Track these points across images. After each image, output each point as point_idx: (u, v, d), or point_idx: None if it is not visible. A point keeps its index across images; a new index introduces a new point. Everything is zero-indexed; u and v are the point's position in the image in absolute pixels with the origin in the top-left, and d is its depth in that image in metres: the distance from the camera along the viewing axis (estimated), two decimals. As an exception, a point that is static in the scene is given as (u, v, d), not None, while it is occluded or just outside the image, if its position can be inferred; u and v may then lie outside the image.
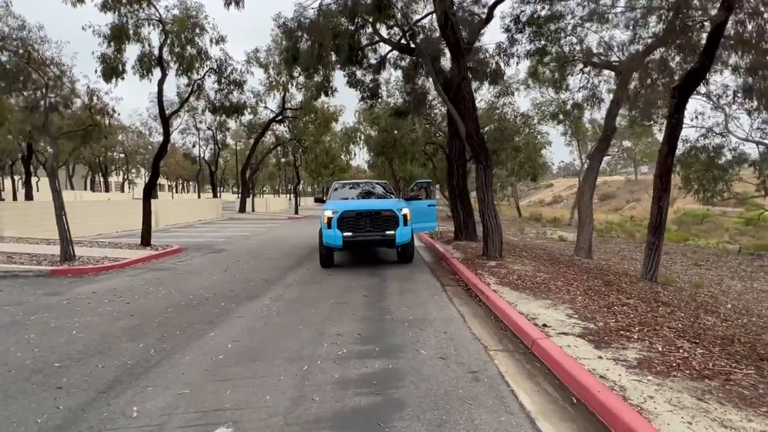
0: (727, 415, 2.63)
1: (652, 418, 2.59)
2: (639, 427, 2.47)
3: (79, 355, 3.95)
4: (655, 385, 3.06)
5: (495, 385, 3.24)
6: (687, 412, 2.67)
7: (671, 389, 2.99)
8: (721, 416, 2.62)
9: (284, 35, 11.89)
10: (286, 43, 9.94)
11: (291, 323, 4.89)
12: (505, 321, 4.80)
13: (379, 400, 3.02)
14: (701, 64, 7.64)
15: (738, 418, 2.61)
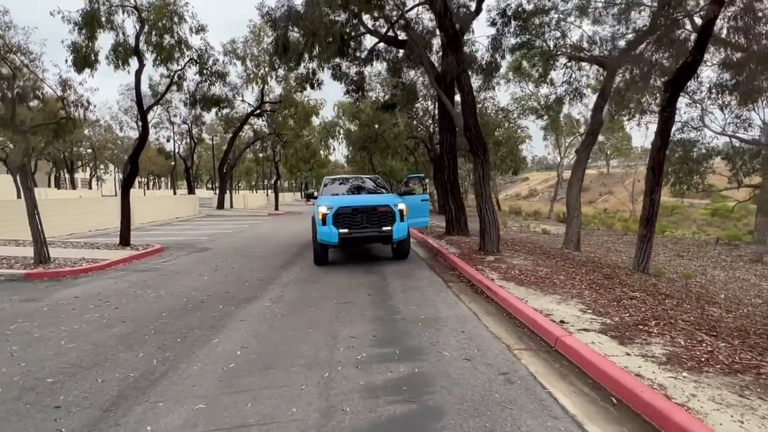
0: (774, 412, 2.59)
1: (702, 418, 2.52)
2: (693, 429, 2.39)
3: (73, 368, 3.61)
4: (692, 382, 3.00)
5: (530, 387, 3.12)
6: (734, 410, 2.62)
7: (710, 386, 2.94)
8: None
9: (270, 25, 11.48)
10: (276, 32, 9.53)
11: (298, 326, 4.66)
12: (520, 318, 4.71)
13: (415, 408, 2.85)
14: (693, 58, 7.74)
15: (785, 414, 2.56)
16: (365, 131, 28.59)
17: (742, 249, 12.98)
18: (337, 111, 34.07)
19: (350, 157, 41.11)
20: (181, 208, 24.94)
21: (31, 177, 7.76)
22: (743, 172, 16.19)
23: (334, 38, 8.67)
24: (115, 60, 11.51)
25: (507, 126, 28.32)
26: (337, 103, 34.49)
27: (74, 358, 3.84)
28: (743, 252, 12.35)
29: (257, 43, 27.11)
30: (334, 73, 13.56)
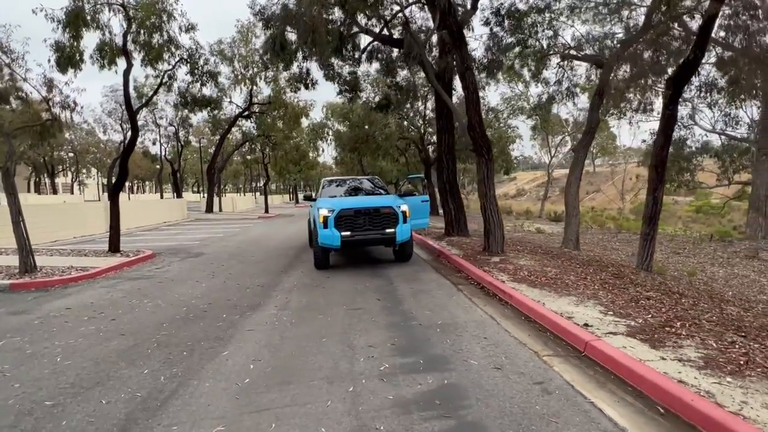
0: (833, 419, 2.46)
1: (762, 428, 2.38)
2: (757, 441, 2.24)
3: (74, 388, 3.33)
4: (738, 387, 2.87)
5: (570, 397, 2.95)
6: (793, 419, 2.48)
7: (758, 391, 2.81)
8: (828, 421, 2.45)
9: (263, 23, 11.20)
10: (272, 30, 9.26)
11: (311, 335, 4.43)
12: (541, 321, 4.55)
13: (454, 424, 2.65)
14: (694, 55, 7.72)
15: None
16: (356, 132, 28.36)
17: (736, 245, 13.12)
18: (325, 112, 33.75)
19: (339, 159, 40.89)
20: (170, 212, 24.37)
21: (13, 182, 7.35)
22: (733, 170, 16.41)
23: (332, 37, 8.46)
24: (100, 60, 11.08)
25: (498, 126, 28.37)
26: (326, 104, 34.19)
27: (73, 376, 3.55)
28: (738, 248, 12.47)
29: (245, 43, 26.70)
30: (326, 73, 13.31)
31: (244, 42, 26.59)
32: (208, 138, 33.61)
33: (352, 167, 41.71)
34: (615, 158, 59.49)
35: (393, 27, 12.49)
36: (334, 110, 32.34)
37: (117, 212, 10.29)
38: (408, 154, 32.14)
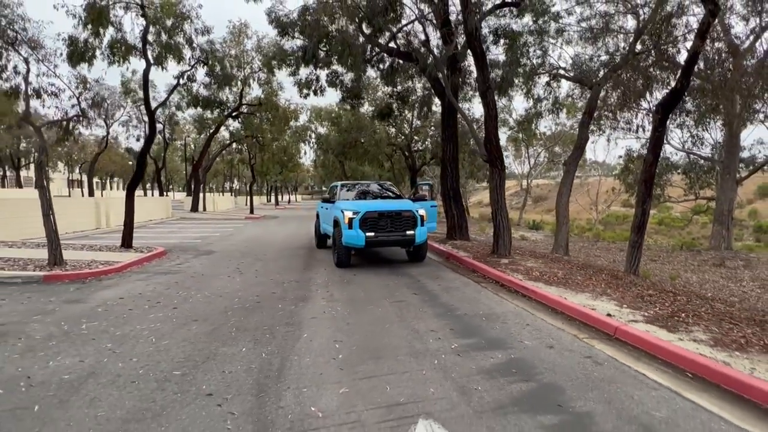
0: (819, 379, 3.26)
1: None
2: (770, 392, 3.01)
3: (189, 362, 3.77)
4: (746, 359, 3.66)
5: (617, 367, 3.67)
6: (790, 378, 3.27)
7: (761, 361, 3.60)
8: (815, 379, 3.25)
9: (279, 32, 11.69)
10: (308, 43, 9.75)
11: (373, 322, 4.98)
12: (569, 312, 5.29)
13: (535, 385, 3.30)
14: (681, 84, 8.77)
15: (827, 380, 3.24)
16: (344, 137, 28.85)
17: (704, 254, 14.49)
18: (309, 115, 34.01)
19: (319, 162, 41.17)
20: (155, 210, 24.06)
21: (47, 176, 7.51)
22: (698, 186, 18.00)
23: (363, 51, 9.06)
24: (111, 56, 11.23)
25: (480, 136, 29.53)
26: (311, 108, 34.53)
27: (180, 354, 3.98)
28: (705, 257, 13.82)
29: (237, 44, 26.77)
30: (330, 79, 13.88)
31: (235, 43, 26.67)
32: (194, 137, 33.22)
33: (332, 171, 42.07)
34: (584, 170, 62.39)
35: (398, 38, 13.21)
36: (323, 114, 32.72)
37: (132, 209, 10.45)
38: (393, 160, 32.89)
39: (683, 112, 16.31)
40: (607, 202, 35.22)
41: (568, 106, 22.01)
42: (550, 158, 39.79)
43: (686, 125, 17.43)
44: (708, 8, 8.21)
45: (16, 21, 7.78)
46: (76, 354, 3.93)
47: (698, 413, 2.90)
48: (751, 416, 2.88)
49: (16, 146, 43.61)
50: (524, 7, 11.61)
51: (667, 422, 2.77)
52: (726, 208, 15.26)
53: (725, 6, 14.69)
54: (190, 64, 11.11)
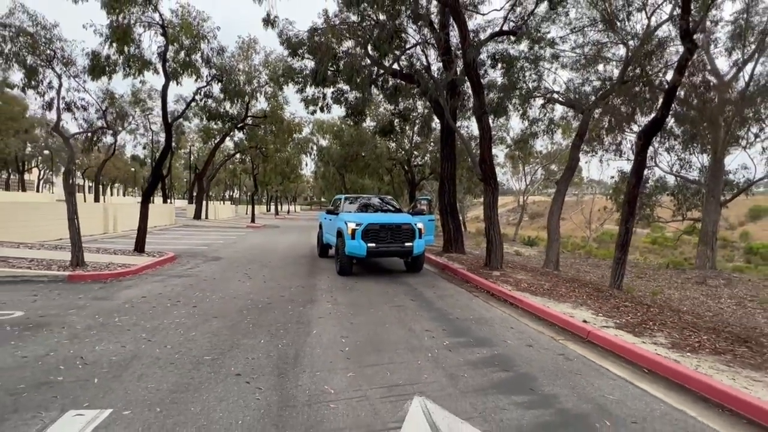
0: (752, 376, 3.88)
1: (710, 377, 3.76)
2: (707, 382, 3.62)
3: (216, 350, 4.36)
4: (694, 358, 4.27)
5: (585, 362, 4.28)
6: (727, 374, 3.88)
7: (707, 360, 4.22)
8: (748, 375, 3.86)
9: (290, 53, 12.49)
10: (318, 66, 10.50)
11: (374, 322, 5.58)
12: (550, 319, 5.90)
13: (513, 374, 3.91)
14: (661, 114, 9.53)
15: (759, 376, 3.86)
16: (346, 150, 29.63)
17: (688, 273, 15.14)
18: (312, 128, 34.84)
19: (319, 173, 41.94)
20: (159, 217, 24.62)
21: (74, 182, 8.13)
22: (686, 207, 18.74)
23: (370, 74, 9.82)
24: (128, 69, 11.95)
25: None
26: (314, 121, 35.40)
27: (207, 343, 4.56)
28: (689, 275, 14.47)
29: (245, 59, 27.72)
30: (334, 96, 14.65)
31: (244, 57, 27.61)
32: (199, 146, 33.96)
33: (333, 182, 42.82)
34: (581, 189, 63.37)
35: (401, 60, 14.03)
36: (325, 128, 33.58)
37: (146, 214, 11.04)
38: (393, 174, 33.66)
39: (671, 137, 17.18)
40: (600, 220, 35.94)
41: (563, 127, 22.87)
42: (546, 176, 40.74)
43: (675, 149, 18.29)
44: (686, 46, 9.02)
45: (53, 41, 8.49)
46: (117, 341, 4.51)
47: (645, 397, 3.51)
48: (688, 401, 3.49)
49: (22, 151, 44.30)
50: (521, 34, 12.46)
51: (618, 402, 3.37)
52: (710, 229, 15.96)
53: (709, 39, 15.65)
54: (207, 81, 11.83)
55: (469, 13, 13.18)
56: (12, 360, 3.91)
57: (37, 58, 8.13)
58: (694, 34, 9.50)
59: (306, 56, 12.78)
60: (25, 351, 4.14)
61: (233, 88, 12.07)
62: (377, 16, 11.53)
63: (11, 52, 7.74)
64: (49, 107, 8.30)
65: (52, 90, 8.30)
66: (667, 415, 3.21)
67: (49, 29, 8.48)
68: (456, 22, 9.50)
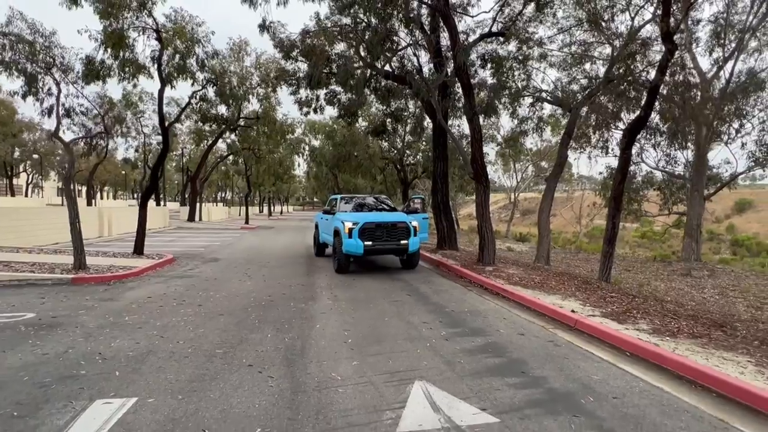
0: (724, 356, 4.22)
1: (685, 358, 4.10)
2: (683, 362, 3.95)
3: (227, 344, 4.60)
4: (672, 342, 4.61)
5: (572, 347, 4.60)
6: (701, 354, 4.22)
7: (683, 344, 4.56)
8: (720, 355, 4.21)
9: (283, 56, 12.71)
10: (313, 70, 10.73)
11: (374, 316, 5.86)
12: (540, 310, 6.22)
13: (505, 359, 4.21)
14: (644, 113, 9.93)
15: (730, 356, 4.20)
16: (339, 150, 29.83)
17: (674, 265, 15.63)
18: (303, 128, 34.98)
19: (312, 174, 42.11)
20: (154, 219, 24.62)
21: (75, 187, 8.29)
22: (672, 201, 19.26)
23: (364, 77, 10.08)
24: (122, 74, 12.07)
25: (469, 151, 30.77)
26: (306, 121, 35.55)
27: (216, 338, 4.81)
28: (675, 268, 14.95)
29: (236, 60, 27.80)
30: (328, 98, 14.89)
31: (235, 59, 27.68)
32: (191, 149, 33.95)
33: (325, 183, 43.00)
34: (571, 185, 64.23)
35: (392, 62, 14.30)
36: (315, 127, 33.75)
37: (144, 218, 11.20)
38: (386, 173, 33.93)
39: (657, 133, 17.65)
40: (590, 215, 36.56)
41: (552, 124, 23.34)
42: (537, 173, 41.30)
43: (660, 145, 18.79)
44: (667, 47, 9.40)
45: (51, 48, 8.62)
46: (131, 338, 4.74)
47: (626, 376, 3.83)
48: (664, 379, 3.82)
49: (10, 155, 43.85)
50: (509, 35, 12.79)
51: (601, 381, 3.69)
52: (695, 222, 16.46)
53: (692, 37, 16.13)
54: (202, 84, 12.00)
55: (459, 15, 13.49)
56: (34, 357, 4.13)
57: (35, 66, 8.25)
58: (674, 35, 9.91)
59: (301, 60, 13.01)
60: (45, 348, 4.35)
61: (229, 92, 12.23)
62: (369, 20, 11.79)
63: (12, 60, 7.88)
64: (49, 113, 8.43)
65: (51, 96, 8.44)
66: (644, 391, 3.53)
67: (47, 37, 8.62)
68: (446, 27, 9.80)
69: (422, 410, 3.13)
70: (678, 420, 3.04)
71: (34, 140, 43.85)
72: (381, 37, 10.33)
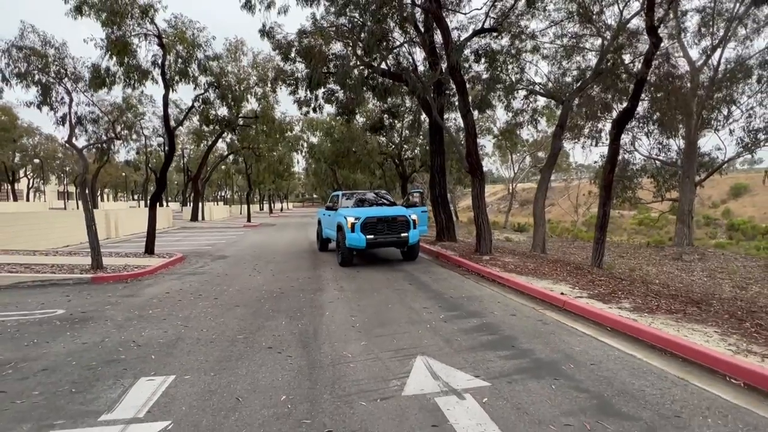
0: (694, 327, 4.70)
1: (659, 329, 4.58)
2: (656, 333, 4.43)
3: (246, 331, 5.08)
4: (650, 317, 5.09)
5: (560, 325, 5.08)
6: (675, 327, 4.70)
7: (659, 319, 5.03)
8: (691, 327, 4.68)
9: (282, 57, 13.10)
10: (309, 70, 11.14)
11: (379, 303, 6.33)
12: (532, 293, 6.70)
13: (498, 336, 4.69)
14: (631, 105, 10.35)
15: (700, 328, 4.68)
16: (337, 146, 30.20)
17: (666, 250, 16.13)
18: (301, 125, 35.31)
19: (311, 170, 42.50)
20: (159, 220, 24.99)
21: (90, 192, 8.74)
22: (665, 188, 19.72)
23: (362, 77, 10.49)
24: (127, 80, 12.47)
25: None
26: (304, 119, 35.86)
27: (236, 326, 5.28)
28: (667, 252, 15.44)
29: (233, 60, 28.10)
30: (326, 97, 15.28)
31: (232, 59, 27.98)
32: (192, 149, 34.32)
33: (325, 179, 43.41)
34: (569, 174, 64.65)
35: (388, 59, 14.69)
36: (313, 124, 34.08)
37: (154, 219, 11.65)
38: (384, 168, 34.33)
39: (649, 122, 18.05)
40: (587, 204, 37.01)
41: (547, 115, 23.70)
42: (533, 163, 41.67)
43: (653, 134, 19.20)
44: (652, 41, 9.81)
45: (63, 59, 9.02)
46: (158, 328, 5.21)
47: (604, 347, 4.31)
48: (638, 348, 4.30)
49: (11, 160, 44.23)
50: (501, 31, 13.16)
51: (582, 352, 4.17)
52: (686, 208, 16.94)
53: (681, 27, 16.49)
54: (204, 88, 12.40)
55: (451, 13, 13.84)
56: (75, 346, 4.60)
57: (48, 76, 8.65)
58: (659, 29, 10.30)
59: (297, 60, 13.39)
60: (83, 339, 4.83)
61: (230, 94, 12.63)
62: (364, 20, 12.15)
63: (27, 72, 8.28)
64: (62, 122, 8.85)
65: (64, 105, 8.85)
66: (619, 358, 4.01)
67: (58, 48, 9.02)
68: (439, 27, 10.19)
69: (423, 378, 3.61)
70: (644, 380, 3.52)
71: (33, 145, 44.22)
72: (377, 37, 10.72)
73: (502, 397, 3.25)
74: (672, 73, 12.01)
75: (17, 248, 12.65)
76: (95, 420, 3.02)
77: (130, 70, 12.25)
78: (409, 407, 3.11)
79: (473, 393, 3.31)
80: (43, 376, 3.78)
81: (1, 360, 4.19)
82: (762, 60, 15.86)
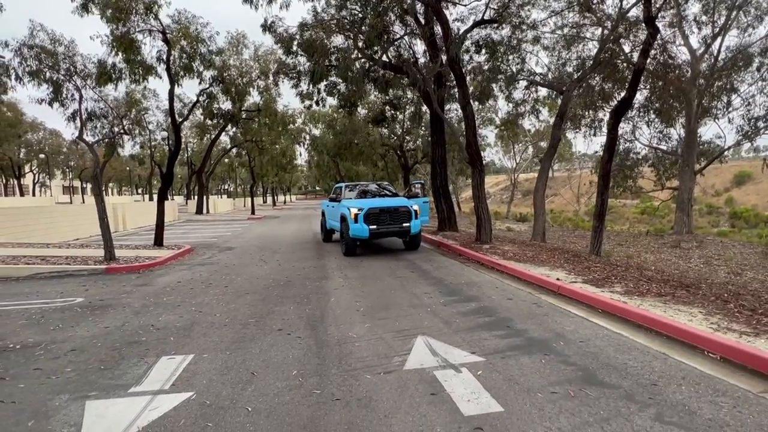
0: (680, 308, 4.96)
1: (647, 310, 4.84)
2: (644, 314, 4.70)
3: (257, 315, 5.38)
4: (640, 300, 5.36)
5: (553, 307, 5.35)
6: (662, 308, 4.96)
7: (648, 301, 5.30)
8: (677, 308, 4.95)
9: (284, 51, 13.28)
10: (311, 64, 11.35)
11: (382, 289, 6.63)
12: (529, 279, 6.97)
13: (495, 318, 4.97)
14: (629, 95, 10.51)
15: (686, 309, 4.94)
16: (339, 139, 30.37)
17: (666, 238, 16.34)
18: (304, 117, 35.45)
19: (313, 162, 42.72)
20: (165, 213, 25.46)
21: (101, 186, 9.03)
22: (665, 177, 19.86)
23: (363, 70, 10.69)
24: (132, 76, 12.71)
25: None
26: (306, 111, 35.99)
27: (246, 311, 5.59)
28: (666, 240, 15.66)
29: (235, 53, 28.21)
30: (328, 90, 15.47)
31: (235, 52, 28.09)
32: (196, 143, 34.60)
33: (327, 171, 43.62)
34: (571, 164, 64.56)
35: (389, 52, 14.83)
36: (316, 117, 34.22)
37: (162, 212, 11.97)
38: (387, 159, 34.50)
39: (649, 111, 18.14)
40: (588, 194, 37.11)
41: (549, 105, 23.78)
42: (536, 153, 41.67)
43: (654, 123, 19.29)
44: (649, 31, 9.96)
45: (72, 57, 9.26)
46: (174, 314, 5.53)
47: (594, 326, 4.59)
48: (626, 327, 4.57)
49: (17, 155, 44.65)
50: (501, 21, 13.27)
51: (572, 331, 4.45)
52: (686, 196, 17.10)
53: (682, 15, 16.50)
54: (209, 83, 12.61)
55: (452, 4, 13.95)
56: (98, 329, 4.92)
57: (58, 74, 8.90)
58: (656, 20, 10.42)
59: (299, 53, 13.57)
60: (104, 323, 5.15)
61: (234, 88, 12.84)
62: (365, 13, 12.29)
63: (38, 70, 8.54)
64: (73, 118, 9.11)
65: (74, 102, 9.12)
66: (606, 336, 4.29)
67: (67, 46, 9.25)
68: (438, 21, 10.34)
69: (424, 355, 3.90)
70: (628, 354, 3.80)
71: (38, 140, 44.59)
72: (378, 31, 10.88)
73: (496, 370, 3.54)
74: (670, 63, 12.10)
75: (30, 241, 13.01)
76: (125, 392, 3.33)
77: (134, 66, 12.51)
78: (409, 379, 3.41)
79: (469, 367, 3.60)
80: (73, 356, 4.10)
81: (32, 342, 4.52)
82: (763, 47, 15.90)
